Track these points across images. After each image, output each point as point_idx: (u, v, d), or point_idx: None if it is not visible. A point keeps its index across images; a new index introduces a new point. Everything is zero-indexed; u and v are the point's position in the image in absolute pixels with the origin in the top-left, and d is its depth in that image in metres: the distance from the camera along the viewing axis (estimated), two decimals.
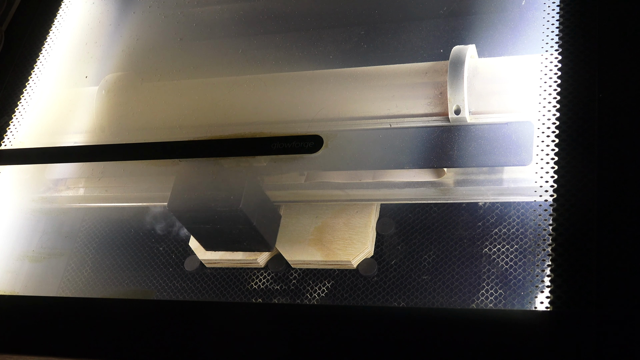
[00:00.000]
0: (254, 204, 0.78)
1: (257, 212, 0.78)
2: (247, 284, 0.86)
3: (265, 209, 0.80)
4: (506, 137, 0.70)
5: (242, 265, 0.86)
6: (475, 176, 0.75)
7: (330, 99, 0.78)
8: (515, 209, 0.78)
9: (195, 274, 0.88)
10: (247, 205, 0.77)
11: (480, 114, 0.74)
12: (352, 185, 0.79)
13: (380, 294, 0.80)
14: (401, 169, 0.75)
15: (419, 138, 0.73)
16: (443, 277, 0.78)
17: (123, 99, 0.86)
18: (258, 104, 0.81)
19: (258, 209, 0.78)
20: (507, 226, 0.78)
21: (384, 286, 0.80)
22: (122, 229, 0.93)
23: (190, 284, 0.88)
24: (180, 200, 0.78)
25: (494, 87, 0.74)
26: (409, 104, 0.75)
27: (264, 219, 0.79)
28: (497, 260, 0.76)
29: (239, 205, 0.76)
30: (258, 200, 0.78)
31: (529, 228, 0.76)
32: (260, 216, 0.78)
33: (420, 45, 0.82)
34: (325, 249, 0.82)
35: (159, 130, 0.83)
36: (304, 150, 0.76)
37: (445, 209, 0.81)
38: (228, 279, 0.87)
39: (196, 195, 0.77)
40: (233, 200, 0.76)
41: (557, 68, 0.68)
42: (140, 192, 0.86)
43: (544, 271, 0.62)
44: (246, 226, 0.78)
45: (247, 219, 0.77)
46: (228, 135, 0.80)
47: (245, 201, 0.76)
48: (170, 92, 0.86)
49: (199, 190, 0.78)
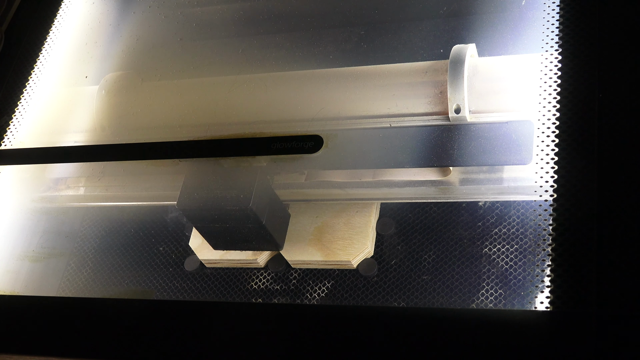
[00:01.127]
0: (264, 203, 0.77)
1: (267, 211, 0.78)
2: (247, 284, 0.85)
3: (274, 208, 0.79)
4: (506, 136, 0.70)
5: (242, 266, 0.86)
6: (476, 175, 0.75)
7: (330, 98, 0.78)
8: (515, 208, 0.78)
9: (195, 274, 0.88)
10: (257, 204, 0.76)
11: (480, 113, 0.73)
12: (352, 185, 0.79)
13: (381, 294, 0.80)
14: (401, 168, 0.75)
15: (419, 137, 0.73)
16: (443, 277, 0.78)
17: (123, 98, 0.86)
18: (258, 103, 0.80)
19: (268, 208, 0.78)
20: (507, 226, 0.78)
21: (384, 286, 0.80)
22: (123, 228, 0.93)
23: (190, 284, 0.88)
24: (189, 198, 0.77)
25: (494, 86, 0.74)
26: (409, 103, 0.75)
27: (273, 218, 0.79)
28: (497, 260, 0.76)
29: (249, 204, 0.75)
30: (268, 199, 0.78)
31: (529, 228, 0.76)
32: (270, 215, 0.78)
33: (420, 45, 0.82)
34: (325, 248, 0.82)
35: (158, 129, 0.83)
36: (304, 150, 0.76)
37: (445, 209, 0.81)
38: (228, 279, 0.87)
39: (206, 193, 0.77)
40: (243, 199, 0.76)
41: (557, 67, 0.68)
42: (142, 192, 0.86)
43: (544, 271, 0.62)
44: (256, 225, 0.77)
45: (257, 218, 0.76)
46: (228, 135, 0.79)
47: (255, 200, 0.76)
48: (170, 91, 0.86)
49: (208, 189, 0.77)
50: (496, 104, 0.73)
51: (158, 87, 0.87)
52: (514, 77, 0.73)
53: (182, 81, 0.86)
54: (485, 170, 0.74)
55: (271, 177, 0.79)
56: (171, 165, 0.81)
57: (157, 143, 0.81)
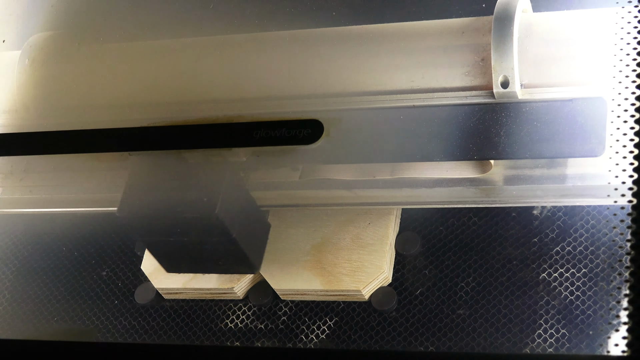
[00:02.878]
0: (235, 209, 0.77)
1: (239, 220, 0.77)
2: (221, 321, 0.85)
3: (249, 216, 0.79)
4: (570, 118, 0.70)
5: (214, 297, 0.86)
6: (530, 172, 0.74)
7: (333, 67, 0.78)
8: (582, 218, 0.78)
9: (150, 307, 0.87)
10: (225, 211, 0.76)
11: (535, 87, 0.73)
12: (362, 184, 0.78)
13: (402, 334, 0.80)
14: (429, 161, 0.75)
15: (453, 120, 0.73)
16: (486, 311, 0.78)
17: (53, 68, 0.85)
18: (235, 75, 0.80)
19: (240, 216, 0.78)
20: (571, 242, 0.78)
21: (406, 324, 0.80)
22: (52, 245, 0.93)
23: (144, 321, 0.87)
24: (134, 204, 0.77)
25: (553, 51, 0.73)
26: (439, 74, 0.75)
27: (247, 229, 0.79)
28: (558, 289, 0.76)
29: (215, 210, 0.75)
30: (240, 204, 0.78)
31: (601, 245, 0.76)
32: (243, 225, 0.78)
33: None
34: (327, 274, 0.82)
35: (101, 111, 0.83)
36: (298, 140, 0.76)
37: (487, 219, 0.81)
38: (195, 315, 0.86)
39: (157, 196, 0.77)
40: (207, 204, 0.75)
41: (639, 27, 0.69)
42: (78, 194, 0.85)
43: (620, 303, 0.65)
44: (224, 239, 0.77)
45: (224, 229, 0.76)
46: (195, 120, 0.79)
47: (223, 205, 0.76)
48: (117, 59, 0.85)
49: (160, 191, 0.77)
50: (557, 75, 0.73)
51: (100, 52, 0.86)
52: (580, 39, 0.73)
53: (133, 45, 0.85)
54: (542, 165, 0.74)
55: (246, 174, 0.79)
56: (118, 160, 0.81)
57: (99, 130, 0.81)
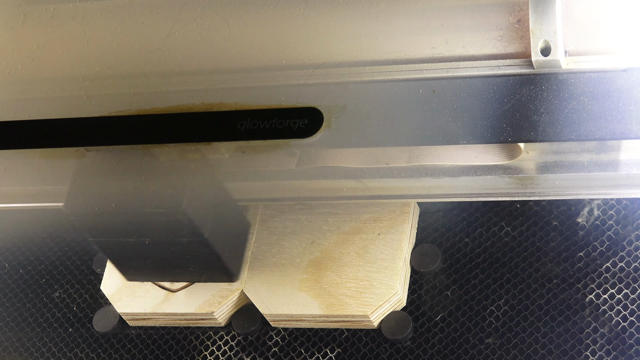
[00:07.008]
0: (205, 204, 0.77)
1: (211, 217, 0.77)
2: (198, 353, 0.85)
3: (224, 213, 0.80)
4: (625, 92, 0.68)
5: (190, 323, 0.86)
6: (575, 157, 0.74)
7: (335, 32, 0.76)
8: (638, 228, 0.79)
9: (112, 336, 0.87)
10: (193, 205, 0.75)
11: (582, 54, 0.71)
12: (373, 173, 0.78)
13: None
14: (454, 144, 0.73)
15: (483, 95, 0.71)
16: (520, 341, 0.78)
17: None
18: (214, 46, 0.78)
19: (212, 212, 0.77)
20: (625, 257, 0.78)
21: (424, 356, 0.79)
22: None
23: (104, 353, 0.87)
24: (84, 197, 0.76)
25: (605, 11, 0.71)
26: (466, 39, 0.73)
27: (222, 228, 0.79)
28: (608, 314, 0.76)
29: (182, 205, 0.74)
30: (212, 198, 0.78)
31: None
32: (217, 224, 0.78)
33: None
34: (327, 295, 0.81)
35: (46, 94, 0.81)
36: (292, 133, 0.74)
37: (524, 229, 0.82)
38: (166, 345, 0.86)
39: (110, 189, 0.76)
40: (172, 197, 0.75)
41: None
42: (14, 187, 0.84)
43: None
44: (194, 239, 0.76)
45: (194, 228, 0.75)
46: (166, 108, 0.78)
47: (191, 199, 0.75)
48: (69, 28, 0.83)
49: (115, 182, 0.77)
50: (608, 40, 0.71)
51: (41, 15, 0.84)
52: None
53: (83, 4, 0.83)
54: (590, 149, 0.74)
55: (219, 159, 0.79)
56: (73, 156, 0.80)
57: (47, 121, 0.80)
